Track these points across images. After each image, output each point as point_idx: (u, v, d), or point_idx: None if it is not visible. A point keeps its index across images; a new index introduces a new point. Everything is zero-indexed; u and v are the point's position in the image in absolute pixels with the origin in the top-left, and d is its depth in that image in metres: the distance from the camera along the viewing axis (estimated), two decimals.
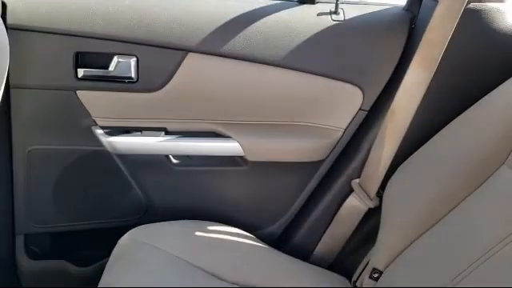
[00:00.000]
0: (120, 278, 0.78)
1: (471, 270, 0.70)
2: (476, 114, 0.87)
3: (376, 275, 0.85)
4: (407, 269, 0.81)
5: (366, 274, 0.88)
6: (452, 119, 0.90)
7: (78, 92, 0.92)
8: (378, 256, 0.86)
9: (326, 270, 1.00)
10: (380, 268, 0.85)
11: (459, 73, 0.90)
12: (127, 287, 0.73)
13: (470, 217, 0.78)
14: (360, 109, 0.99)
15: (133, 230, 0.89)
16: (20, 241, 1.02)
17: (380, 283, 0.84)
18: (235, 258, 0.88)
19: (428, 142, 0.91)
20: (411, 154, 0.92)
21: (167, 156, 0.98)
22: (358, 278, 0.94)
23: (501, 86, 0.84)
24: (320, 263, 1.04)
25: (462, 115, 0.89)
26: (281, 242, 1.05)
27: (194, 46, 0.91)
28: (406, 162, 0.93)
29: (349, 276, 0.98)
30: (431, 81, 0.89)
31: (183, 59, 0.92)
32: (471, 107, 0.88)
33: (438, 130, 0.91)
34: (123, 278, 0.78)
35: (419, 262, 0.80)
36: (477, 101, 0.87)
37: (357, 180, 1.00)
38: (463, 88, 0.90)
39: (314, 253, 1.04)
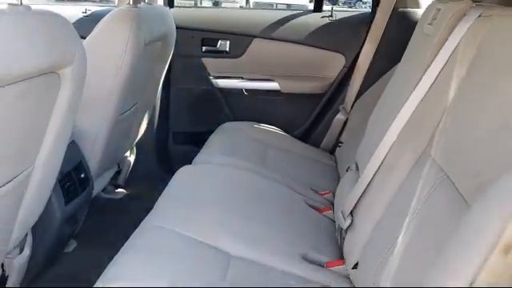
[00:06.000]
0: (217, 140, 1.73)
1: None
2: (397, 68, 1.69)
3: (340, 145, 1.72)
4: (357, 137, 1.66)
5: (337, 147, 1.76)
6: (387, 70, 1.73)
7: (202, 58, 1.91)
8: (343, 133, 1.73)
9: (326, 152, 1.88)
10: (343, 140, 1.72)
11: (390, 46, 1.72)
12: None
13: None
14: (344, 66, 1.86)
15: (224, 124, 1.85)
16: (171, 135, 2.04)
17: (341, 148, 1.71)
18: (278, 138, 1.80)
19: (375, 84, 1.75)
20: (366, 91, 1.77)
21: (242, 90, 1.93)
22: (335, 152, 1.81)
23: None
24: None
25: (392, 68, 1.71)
26: (301, 140, 1.94)
27: (257, 34, 1.86)
28: (363, 95, 1.78)
29: None
30: (376, 50, 1.73)
31: (251, 41, 1.87)
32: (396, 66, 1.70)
33: (381, 76, 1.74)
34: (219, 140, 1.72)
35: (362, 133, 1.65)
36: (398, 62, 1.69)
37: (342, 105, 1.86)
38: (392, 54, 1.71)
39: (321, 146, 1.92)
